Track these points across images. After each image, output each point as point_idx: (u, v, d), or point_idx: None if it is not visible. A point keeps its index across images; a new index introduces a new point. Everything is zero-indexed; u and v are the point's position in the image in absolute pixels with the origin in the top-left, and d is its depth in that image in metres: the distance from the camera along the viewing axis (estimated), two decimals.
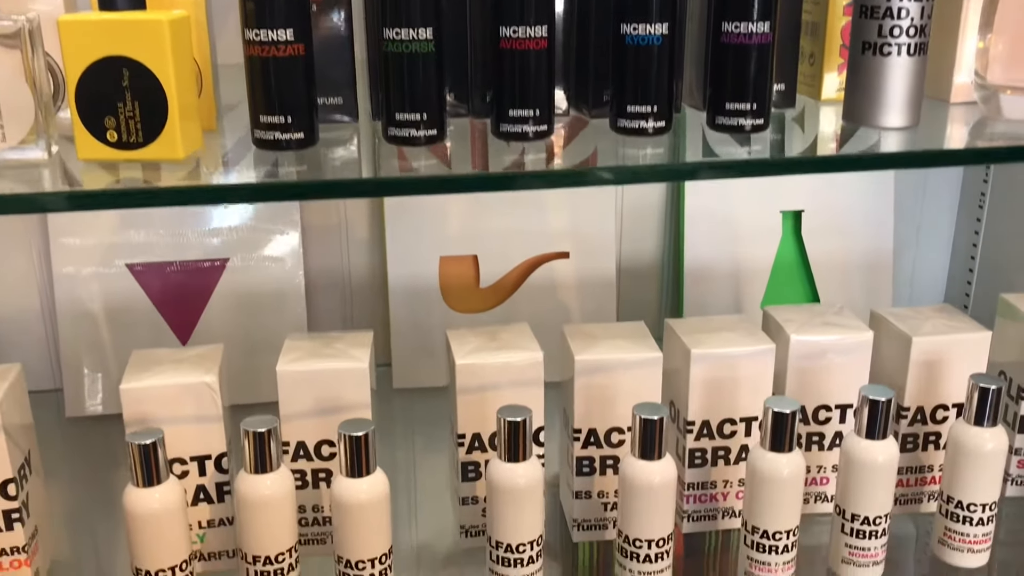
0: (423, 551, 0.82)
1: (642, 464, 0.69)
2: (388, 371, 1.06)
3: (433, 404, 0.91)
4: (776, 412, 0.69)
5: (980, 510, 0.74)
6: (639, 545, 0.70)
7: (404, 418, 1.03)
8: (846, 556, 0.73)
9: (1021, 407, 0.82)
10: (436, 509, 0.86)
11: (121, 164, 0.59)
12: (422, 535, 0.85)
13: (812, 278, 1.09)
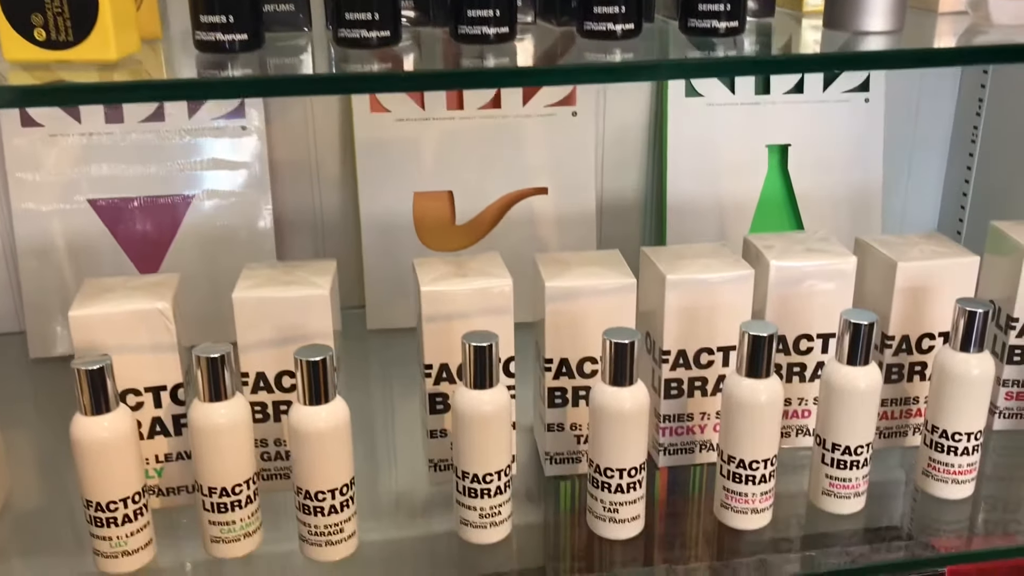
0: (394, 489, 0.80)
1: (613, 391, 0.66)
2: (362, 312, 1.04)
3: (408, 344, 0.89)
4: (753, 336, 0.66)
5: (965, 439, 0.71)
6: (610, 475, 0.67)
7: (379, 359, 1.00)
8: (826, 488, 0.71)
9: (1010, 337, 0.79)
10: (410, 448, 0.83)
11: (53, 65, 0.56)
12: (396, 475, 0.82)
13: (798, 213, 1.06)
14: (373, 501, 0.76)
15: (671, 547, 0.70)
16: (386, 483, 0.80)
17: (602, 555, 0.69)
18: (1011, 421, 0.82)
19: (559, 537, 0.72)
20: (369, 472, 0.80)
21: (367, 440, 0.85)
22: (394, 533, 0.74)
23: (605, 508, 0.68)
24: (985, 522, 0.73)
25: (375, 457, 0.84)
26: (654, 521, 0.72)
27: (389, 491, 0.79)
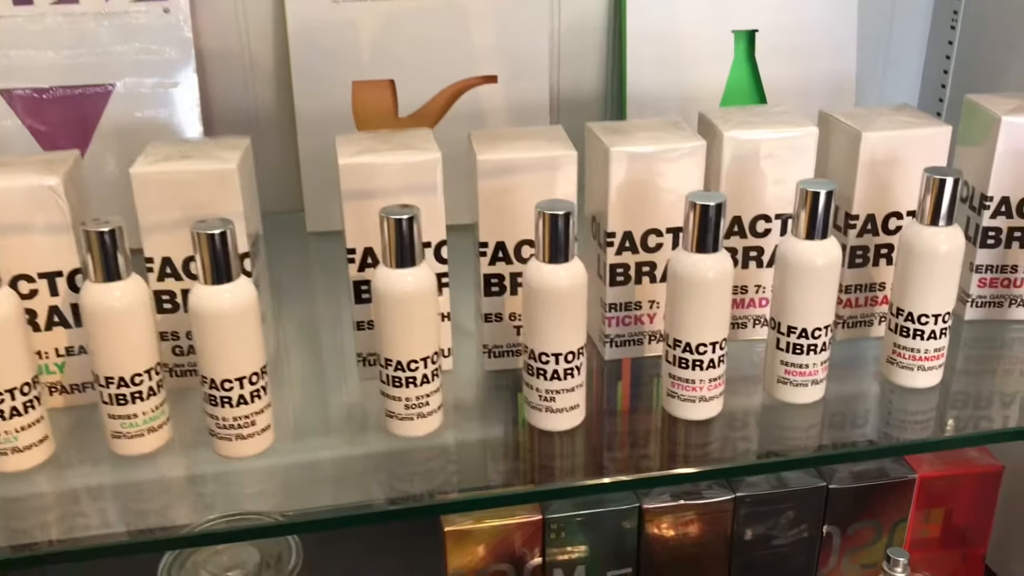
0: (324, 385, 0.75)
1: (548, 268, 0.60)
2: (301, 216, 0.98)
3: None
4: (701, 205, 0.60)
5: (932, 322, 0.66)
6: (545, 360, 0.62)
7: (320, 263, 0.95)
8: (782, 375, 0.65)
9: (983, 218, 0.74)
10: (345, 346, 0.78)
11: None
12: (326, 372, 0.77)
13: (766, 103, 1.00)
14: (301, 399, 0.72)
15: (613, 439, 0.66)
16: (315, 380, 0.75)
17: (538, 447, 0.64)
18: (984, 310, 0.76)
19: (494, 430, 0.67)
20: (300, 371, 0.76)
21: (313, 346, 0.80)
22: (319, 429, 0.69)
23: (541, 397, 0.63)
24: (951, 412, 0.68)
25: (307, 356, 0.78)
26: (596, 413, 0.67)
27: (318, 387, 0.74)
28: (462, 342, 0.74)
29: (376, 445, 0.65)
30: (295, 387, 0.73)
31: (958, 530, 0.95)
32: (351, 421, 0.69)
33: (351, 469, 0.65)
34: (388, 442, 0.64)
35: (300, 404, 0.71)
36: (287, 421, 0.67)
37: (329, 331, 0.82)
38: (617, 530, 0.89)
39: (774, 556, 0.92)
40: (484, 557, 0.88)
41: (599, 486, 0.60)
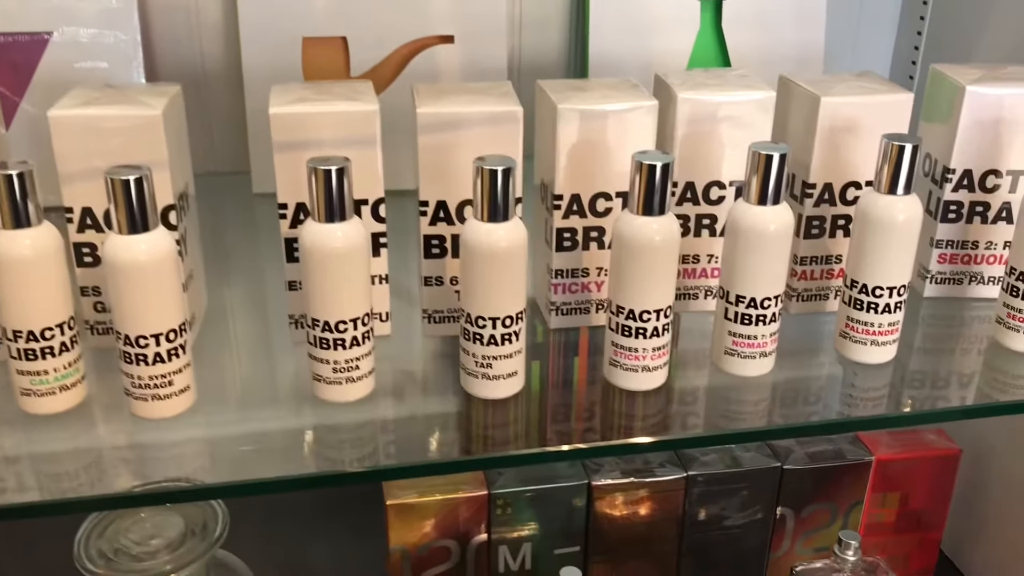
0: (256, 349, 0.72)
1: (487, 228, 0.57)
2: (247, 178, 0.94)
3: None
4: (647, 165, 0.58)
5: (887, 295, 0.63)
6: (482, 324, 0.59)
7: (265, 225, 0.91)
8: (729, 346, 0.63)
9: (945, 191, 0.71)
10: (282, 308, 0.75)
11: None
12: (261, 335, 0.74)
13: None
14: (230, 362, 0.69)
15: (552, 409, 0.63)
16: (247, 343, 0.72)
17: (473, 416, 0.61)
18: (943, 287, 0.74)
19: (429, 397, 0.64)
20: (232, 333, 0.72)
21: (237, 304, 0.77)
22: (245, 392, 0.66)
23: (477, 363, 0.60)
24: (906, 390, 0.66)
25: (241, 318, 0.75)
26: (537, 382, 0.65)
27: (250, 350, 0.71)
28: (405, 309, 0.71)
29: (306, 410, 0.62)
30: (226, 349, 0.70)
31: (914, 514, 0.93)
32: (280, 385, 0.66)
33: (278, 434, 0.62)
34: (318, 408, 0.61)
35: (228, 367, 0.68)
36: (213, 383, 0.64)
37: (265, 293, 0.78)
38: (565, 507, 0.87)
39: (726, 537, 0.90)
40: (427, 532, 0.85)
41: (534, 456, 0.58)
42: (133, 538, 0.65)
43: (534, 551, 0.88)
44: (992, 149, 0.70)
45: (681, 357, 0.67)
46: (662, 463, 0.89)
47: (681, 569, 0.91)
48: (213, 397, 0.62)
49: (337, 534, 0.99)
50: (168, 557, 0.64)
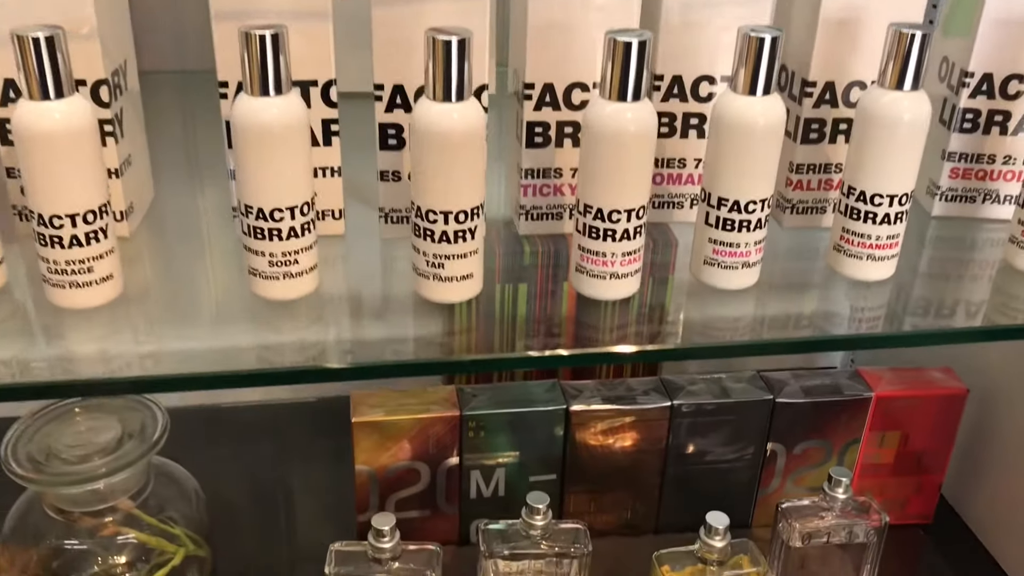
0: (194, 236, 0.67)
1: (439, 108, 0.52)
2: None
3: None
4: (622, 43, 0.51)
5: (887, 203, 0.57)
6: (433, 219, 0.53)
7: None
8: (709, 256, 0.57)
9: (962, 97, 0.65)
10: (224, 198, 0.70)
11: None
12: (200, 223, 0.69)
13: None
14: (170, 252, 0.64)
15: (511, 316, 0.58)
16: (189, 233, 0.67)
17: (422, 321, 0.56)
18: (954, 205, 0.68)
19: (377, 298, 0.59)
20: (175, 224, 0.67)
21: (185, 194, 0.72)
22: (180, 285, 0.61)
23: (428, 263, 0.54)
24: (905, 315, 0.60)
25: (186, 209, 0.70)
26: (497, 287, 0.59)
27: (192, 241, 0.66)
28: (363, 211, 0.66)
29: (244, 308, 0.57)
30: (166, 243, 0.65)
31: (914, 456, 0.88)
32: (219, 281, 0.61)
33: (215, 330, 0.57)
34: (256, 303, 0.56)
35: (166, 260, 0.63)
36: (148, 276, 0.60)
37: (216, 184, 0.73)
38: (542, 433, 0.82)
39: (712, 472, 0.85)
40: (394, 453, 0.81)
41: (482, 362, 0.53)
42: (66, 442, 0.61)
43: (508, 477, 0.83)
44: (1016, 51, 0.63)
45: (660, 270, 0.61)
46: (646, 391, 0.84)
47: (663, 504, 0.87)
48: (144, 290, 0.58)
49: (306, 457, 0.96)
50: (102, 461, 0.60)
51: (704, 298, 0.58)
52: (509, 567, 0.74)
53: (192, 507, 0.67)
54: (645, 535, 0.87)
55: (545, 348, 0.53)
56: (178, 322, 0.57)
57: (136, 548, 0.64)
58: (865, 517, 0.76)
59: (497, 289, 0.59)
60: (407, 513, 0.83)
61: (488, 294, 0.57)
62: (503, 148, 0.68)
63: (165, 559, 0.65)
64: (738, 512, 0.87)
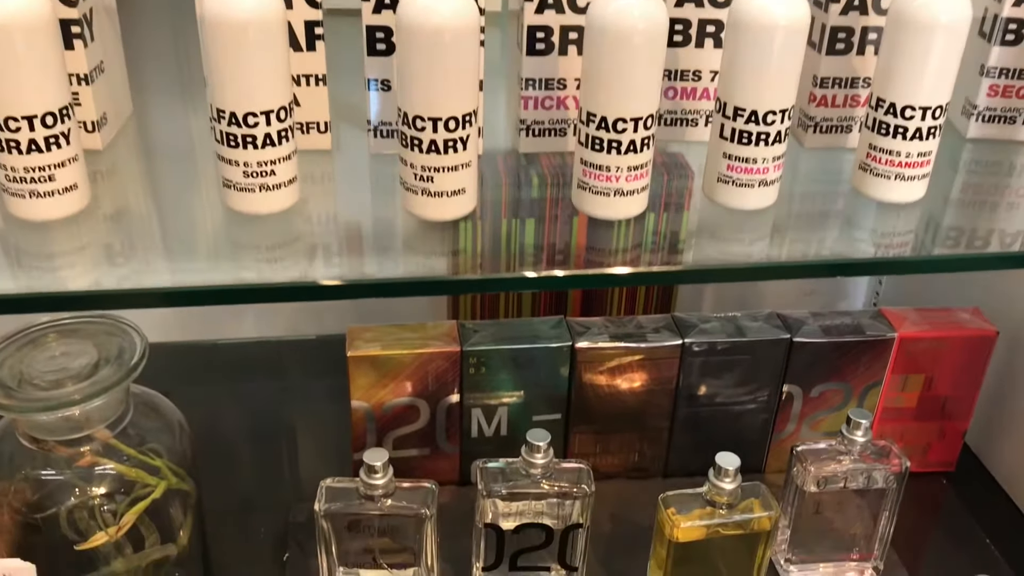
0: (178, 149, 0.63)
1: (425, 2, 0.47)
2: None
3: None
4: None
5: (919, 116, 0.52)
6: (421, 127, 0.49)
7: None
8: (723, 172, 0.53)
9: (1004, 6, 0.59)
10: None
11: None
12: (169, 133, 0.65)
13: None
14: (146, 163, 0.60)
15: (507, 239, 0.54)
16: (166, 143, 0.63)
17: (409, 239, 0.52)
18: (992, 127, 0.63)
19: (365, 218, 0.55)
20: (152, 134, 0.64)
21: (178, 117, 0.68)
22: (156, 195, 0.58)
23: (417, 176, 0.50)
24: (935, 245, 0.55)
25: (167, 119, 0.66)
26: (493, 206, 0.55)
27: (168, 151, 0.62)
28: (352, 129, 0.61)
29: (218, 222, 0.53)
30: (144, 154, 0.61)
31: (938, 401, 0.84)
32: (195, 195, 0.57)
33: (189, 242, 0.53)
34: (236, 220, 0.52)
35: (142, 172, 0.59)
36: (120, 187, 0.56)
37: (201, 99, 0.69)
38: (546, 371, 0.78)
39: (724, 414, 0.82)
40: (393, 389, 0.78)
41: (475, 283, 0.49)
42: (39, 367, 0.58)
43: (511, 416, 0.80)
44: None
45: (669, 198, 0.57)
46: (657, 328, 0.80)
47: (672, 446, 0.83)
48: (115, 204, 0.54)
49: (304, 395, 0.93)
50: (76, 387, 0.57)
51: (717, 220, 0.54)
52: (508, 507, 0.70)
53: (175, 440, 0.64)
54: (653, 479, 0.84)
55: (539, 268, 0.49)
56: (149, 237, 0.53)
57: (115, 479, 0.61)
58: (885, 462, 0.72)
59: (492, 209, 0.54)
60: (406, 452, 0.80)
61: (485, 215, 0.53)
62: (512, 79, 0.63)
63: (146, 492, 0.62)
64: (750, 457, 0.83)
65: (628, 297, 0.94)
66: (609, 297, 0.94)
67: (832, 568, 0.76)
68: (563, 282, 0.48)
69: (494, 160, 0.59)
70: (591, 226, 0.52)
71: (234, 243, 0.52)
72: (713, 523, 0.68)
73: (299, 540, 0.76)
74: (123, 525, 0.59)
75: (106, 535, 0.59)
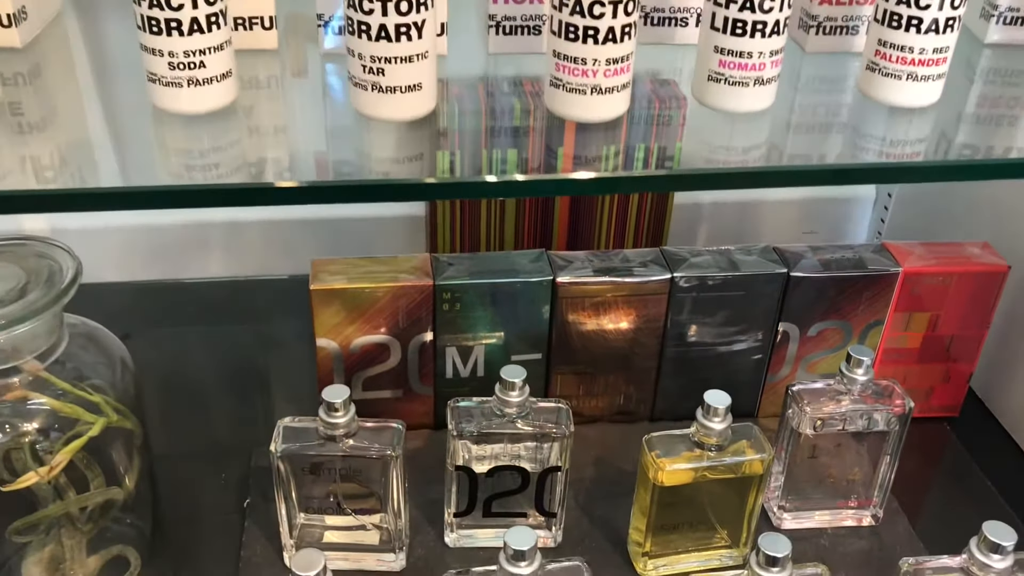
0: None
1: None
2: None
3: None
4: None
5: (936, 5, 0.46)
6: (369, 8, 0.43)
7: None
8: (715, 70, 0.46)
9: None
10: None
11: None
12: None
13: None
14: (67, 53, 0.54)
15: (470, 136, 0.48)
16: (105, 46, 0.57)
17: (365, 146, 0.47)
18: (1013, 30, 0.57)
19: (312, 117, 0.50)
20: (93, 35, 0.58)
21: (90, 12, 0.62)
22: (72, 96, 0.51)
23: (366, 68, 0.44)
24: (946, 145, 0.50)
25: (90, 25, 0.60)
26: (455, 105, 0.49)
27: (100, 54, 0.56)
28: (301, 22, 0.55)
29: (151, 121, 0.48)
30: (67, 54, 0.55)
31: (943, 341, 0.78)
32: (123, 95, 0.52)
33: (117, 143, 0.47)
34: (164, 120, 0.46)
35: (61, 71, 0.53)
36: (35, 85, 0.50)
37: None
38: (525, 307, 0.73)
39: (715, 355, 0.76)
40: (360, 327, 0.72)
41: (420, 187, 0.43)
42: None
43: (488, 356, 0.75)
44: None
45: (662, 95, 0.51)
46: (644, 262, 0.74)
47: (659, 389, 0.78)
48: (27, 104, 0.48)
49: (272, 336, 0.88)
50: (1, 311, 0.52)
51: (707, 123, 0.48)
52: (483, 450, 0.66)
53: (116, 375, 0.59)
54: (639, 423, 0.79)
55: (503, 174, 0.43)
56: (67, 132, 0.47)
57: (49, 415, 0.56)
58: (887, 403, 0.67)
59: (456, 111, 0.49)
60: (377, 393, 0.75)
61: (449, 118, 0.48)
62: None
63: (85, 429, 0.57)
64: (742, 401, 0.78)
65: (617, 233, 0.88)
66: (596, 233, 0.88)
67: (828, 516, 0.71)
68: (523, 187, 0.42)
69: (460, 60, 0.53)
70: (565, 130, 0.47)
71: (164, 147, 0.46)
72: (701, 466, 0.63)
73: (261, 486, 0.72)
74: (56, 464, 0.55)
75: (37, 475, 0.54)
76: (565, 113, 0.46)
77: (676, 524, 0.66)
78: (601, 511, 0.71)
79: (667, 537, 0.66)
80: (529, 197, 0.71)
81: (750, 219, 0.97)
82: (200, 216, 0.92)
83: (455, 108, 0.49)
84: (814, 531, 0.71)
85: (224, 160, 0.45)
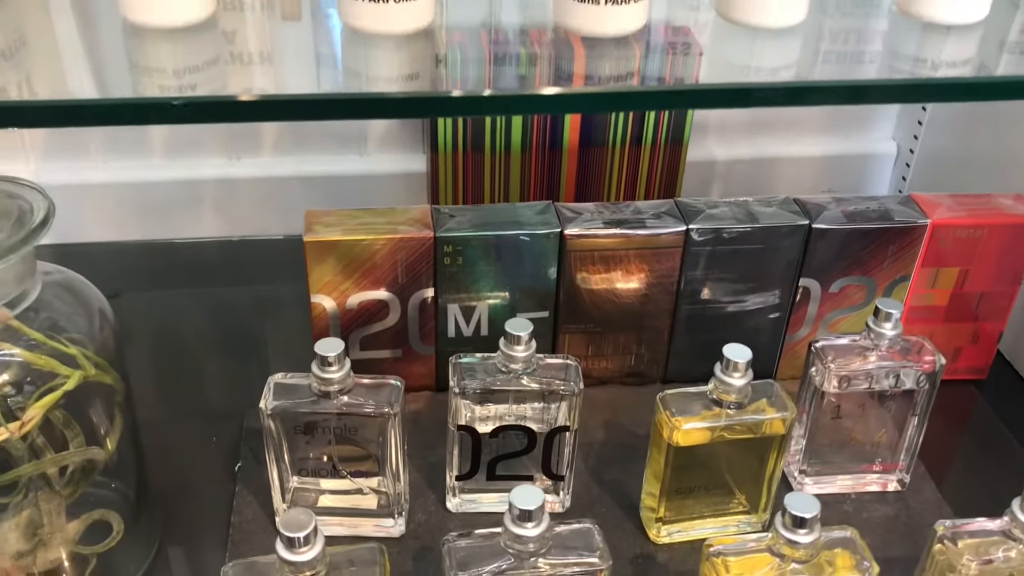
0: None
1: None
2: None
3: None
4: None
5: None
6: None
7: None
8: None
9: None
10: None
11: None
12: None
13: None
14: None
15: (475, 53, 0.44)
16: None
17: (353, 61, 0.43)
18: None
19: (300, 32, 0.46)
20: None
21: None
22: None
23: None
24: (992, 63, 0.45)
25: None
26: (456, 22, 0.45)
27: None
28: None
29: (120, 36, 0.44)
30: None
31: (972, 299, 0.74)
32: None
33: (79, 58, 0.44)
34: (135, 34, 0.43)
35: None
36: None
37: None
38: (531, 262, 0.69)
39: (731, 313, 0.72)
40: (357, 282, 0.69)
41: (429, 101, 0.39)
42: None
43: (492, 314, 0.71)
44: None
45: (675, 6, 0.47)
46: (657, 214, 0.70)
47: (672, 349, 0.74)
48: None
49: (267, 296, 0.84)
50: None
51: (732, 41, 0.44)
52: (487, 410, 0.62)
53: (94, 326, 0.55)
54: (651, 385, 0.75)
55: (494, 88, 0.39)
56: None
57: (21, 367, 0.52)
58: (916, 359, 0.63)
59: (456, 26, 0.45)
60: (376, 353, 0.71)
61: (447, 33, 0.44)
62: None
63: (61, 383, 0.54)
64: (760, 362, 0.73)
65: (628, 184, 0.84)
66: (606, 184, 0.84)
67: (851, 480, 0.67)
68: (521, 102, 0.38)
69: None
70: (576, 45, 0.42)
71: (134, 65, 0.42)
72: (718, 425, 0.59)
73: (253, 449, 0.68)
74: (28, 420, 0.51)
75: (7, 430, 0.50)
76: (575, 27, 0.42)
77: (691, 488, 0.62)
78: (612, 476, 0.67)
79: (682, 502, 0.62)
80: (539, 114, 0.67)
81: (765, 176, 0.93)
82: (192, 174, 0.88)
83: (458, 23, 0.45)
84: (837, 496, 0.67)
85: (198, 82, 0.41)
